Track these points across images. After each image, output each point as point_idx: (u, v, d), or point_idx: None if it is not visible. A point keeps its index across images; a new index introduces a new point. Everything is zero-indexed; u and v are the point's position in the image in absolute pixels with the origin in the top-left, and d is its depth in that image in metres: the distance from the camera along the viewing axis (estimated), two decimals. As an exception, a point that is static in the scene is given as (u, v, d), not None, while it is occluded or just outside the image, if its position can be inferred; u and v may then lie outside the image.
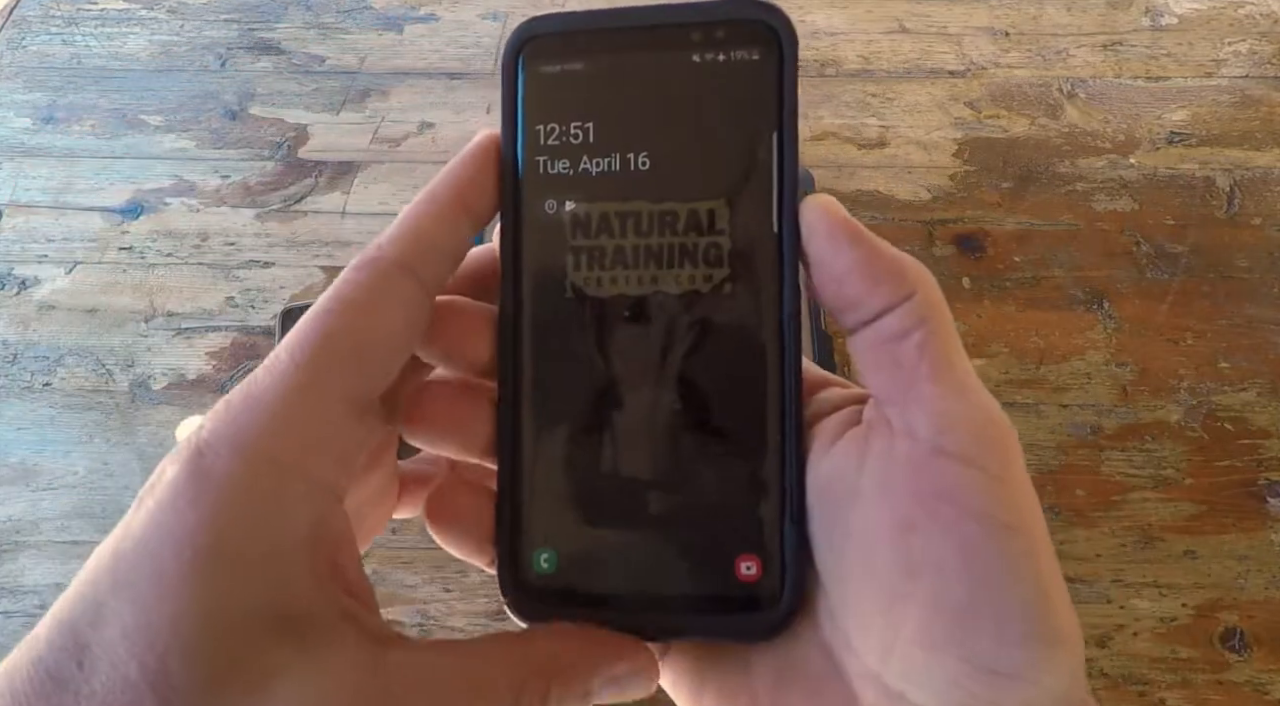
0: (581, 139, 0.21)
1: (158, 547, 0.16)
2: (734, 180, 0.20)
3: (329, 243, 0.66)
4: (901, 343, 0.19)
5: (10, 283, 0.65)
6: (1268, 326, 0.61)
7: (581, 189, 0.21)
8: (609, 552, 0.20)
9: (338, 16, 0.81)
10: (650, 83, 0.21)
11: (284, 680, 0.16)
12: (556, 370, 0.21)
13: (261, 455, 0.17)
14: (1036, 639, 0.17)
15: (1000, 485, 0.18)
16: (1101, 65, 0.76)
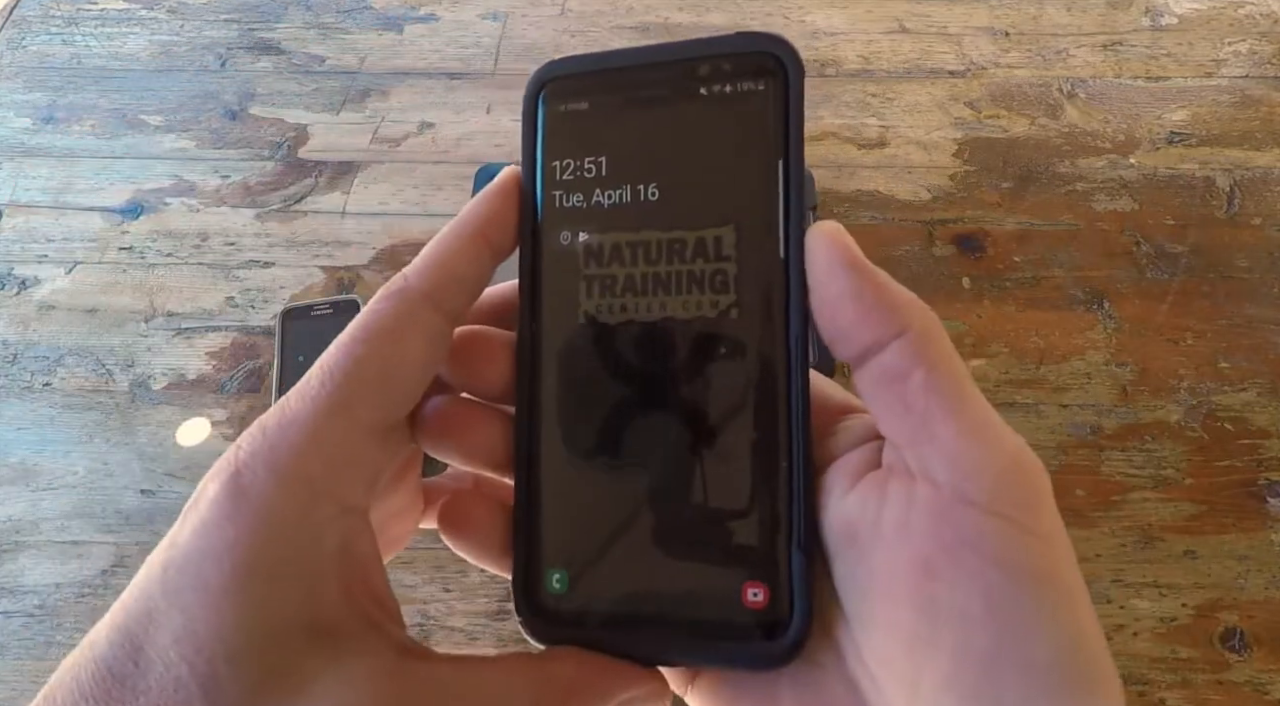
0: (595, 173, 0.22)
1: (200, 560, 0.17)
2: (741, 207, 0.21)
3: (329, 243, 0.66)
4: (905, 383, 0.19)
5: (10, 283, 0.65)
6: (1268, 326, 0.61)
7: (594, 221, 0.22)
8: (620, 576, 0.20)
9: (338, 16, 0.81)
10: (660, 117, 0.22)
11: (318, 686, 0.17)
12: (570, 395, 0.21)
13: (295, 476, 0.18)
14: (1067, 689, 0.17)
15: (1027, 534, 0.18)
16: (1101, 65, 0.76)
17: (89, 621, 0.51)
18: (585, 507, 0.21)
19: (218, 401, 0.59)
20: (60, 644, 0.51)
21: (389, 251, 0.66)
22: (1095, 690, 0.17)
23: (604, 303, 0.21)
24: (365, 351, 0.19)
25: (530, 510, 0.21)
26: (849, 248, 0.20)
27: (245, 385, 0.60)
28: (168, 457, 0.57)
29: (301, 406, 0.19)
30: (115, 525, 0.54)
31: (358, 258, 0.66)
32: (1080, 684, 0.17)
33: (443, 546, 0.22)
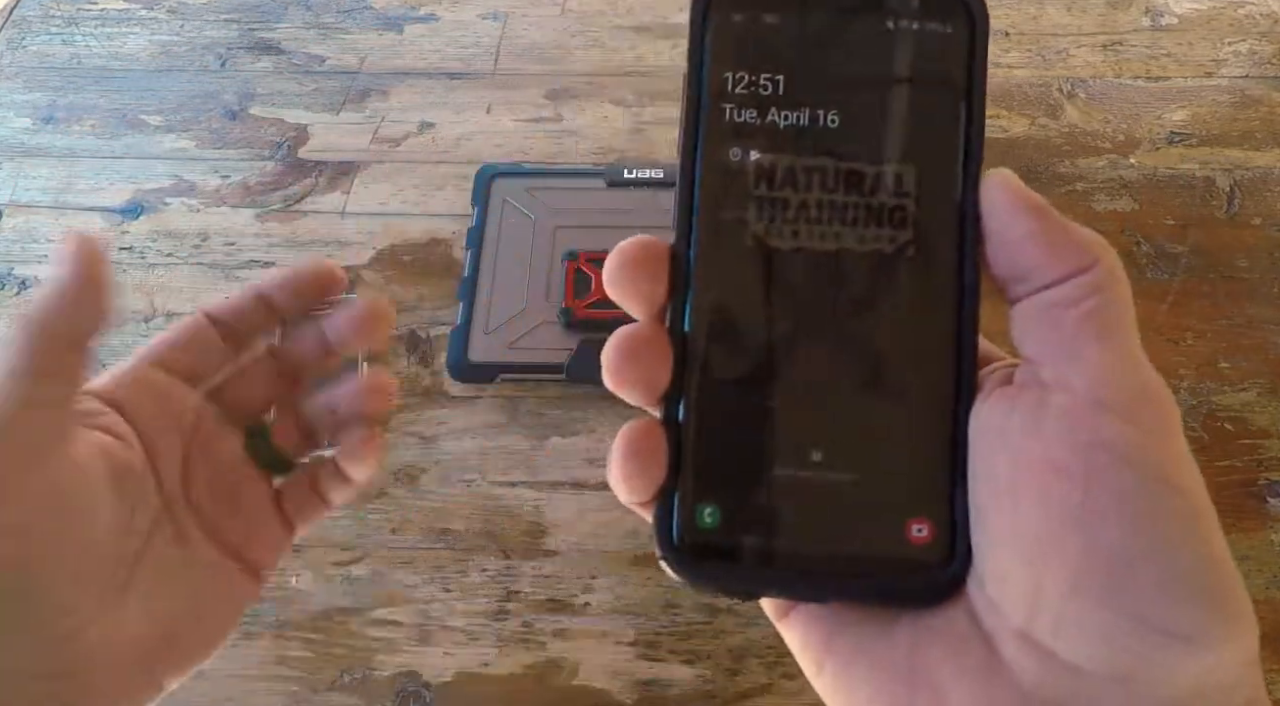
0: (771, 91, 0.21)
1: None
2: (922, 145, 0.21)
3: (329, 243, 0.66)
4: (1070, 309, 0.19)
5: (10, 282, 0.65)
6: (1268, 326, 0.61)
7: (768, 140, 0.21)
8: (775, 511, 0.20)
9: (338, 16, 0.81)
10: (844, 43, 0.21)
11: None
12: (730, 322, 0.21)
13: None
14: (1211, 600, 0.16)
15: (1162, 444, 0.18)
16: (1101, 65, 0.76)
17: (89, 621, 0.51)
18: (741, 440, 0.20)
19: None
20: (60, 644, 0.51)
21: (389, 251, 0.66)
22: (1230, 613, 0.17)
23: (774, 227, 0.21)
24: None
25: (680, 440, 0.20)
26: (1029, 193, 0.20)
27: (245, 385, 0.60)
28: (168, 457, 0.57)
29: None
30: (115, 525, 0.54)
31: (358, 258, 0.66)
32: (1218, 602, 0.16)
33: (443, 546, 0.22)
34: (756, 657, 0.50)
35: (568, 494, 0.55)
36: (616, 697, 0.49)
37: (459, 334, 0.60)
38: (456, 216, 0.67)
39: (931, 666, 0.18)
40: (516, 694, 0.49)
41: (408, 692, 0.49)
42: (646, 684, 0.49)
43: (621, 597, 0.52)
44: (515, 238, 0.65)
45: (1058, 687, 0.17)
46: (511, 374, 0.59)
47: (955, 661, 0.18)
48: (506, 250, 0.64)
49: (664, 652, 0.50)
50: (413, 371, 0.60)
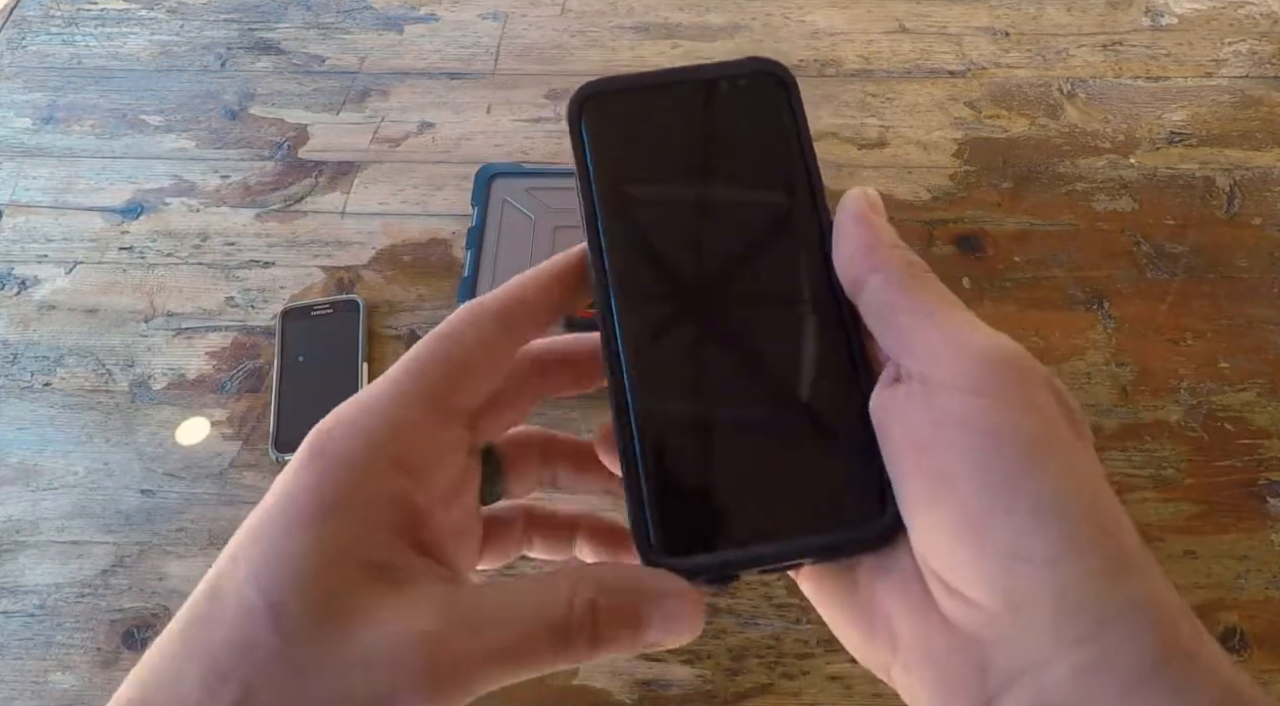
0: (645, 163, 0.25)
1: (283, 504, 0.21)
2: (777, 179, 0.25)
3: (329, 243, 0.66)
4: (888, 309, 0.22)
5: (10, 283, 0.65)
6: (1268, 326, 0.61)
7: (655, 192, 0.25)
8: (732, 506, 0.23)
9: (338, 16, 0.81)
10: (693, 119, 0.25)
11: (376, 613, 0.20)
12: (656, 362, 0.24)
13: (360, 436, 0.22)
14: (1053, 524, 0.19)
15: (1005, 406, 0.20)
16: (1101, 65, 0.76)
17: (89, 621, 0.51)
18: (688, 453, 0.23)
19: (218, 401, 0.59)
20: (60, 644, 0.51)
21: (389, 251, 0.66)
22: (1085, 524, 0.19)
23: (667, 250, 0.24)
24: (430, 347, 0.23)
25: (638, 461, 0.23)
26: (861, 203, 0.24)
27: (245, 385, 0.60)
28: (168, 457, 0.57)
29: (374, 388, 0.23)
30: (115, 525, 0.54)
31: (358, 258, 0.66)
32: (1066, 520, 0.19)
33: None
34: (756, 657, 0.50)
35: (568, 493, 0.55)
36: (616, 697, 0.49)
37: (459, 334, 0.60)
38: (456, 216, 0.67)
39: (885, 604, 0.21)
40: (516, 693, 0.49)
41: (408, 692, 0.49)
42: (646, 684, 0.49)
43: (621, 597, 0.52)
44: (515, 238, 0.65)
45: (972, 621, 0.19)
46: (511, 374, 0.59)
47: (902, 599, 0.21)
48: (506, 250, 0.64)
49: (664, 652, 0.50)
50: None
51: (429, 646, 0.19)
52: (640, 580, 0.22)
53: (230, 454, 0.57)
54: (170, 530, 0.54)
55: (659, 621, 0.21)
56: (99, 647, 0.50)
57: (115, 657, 0.50)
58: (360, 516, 0.21)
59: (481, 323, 0.24)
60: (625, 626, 0.21)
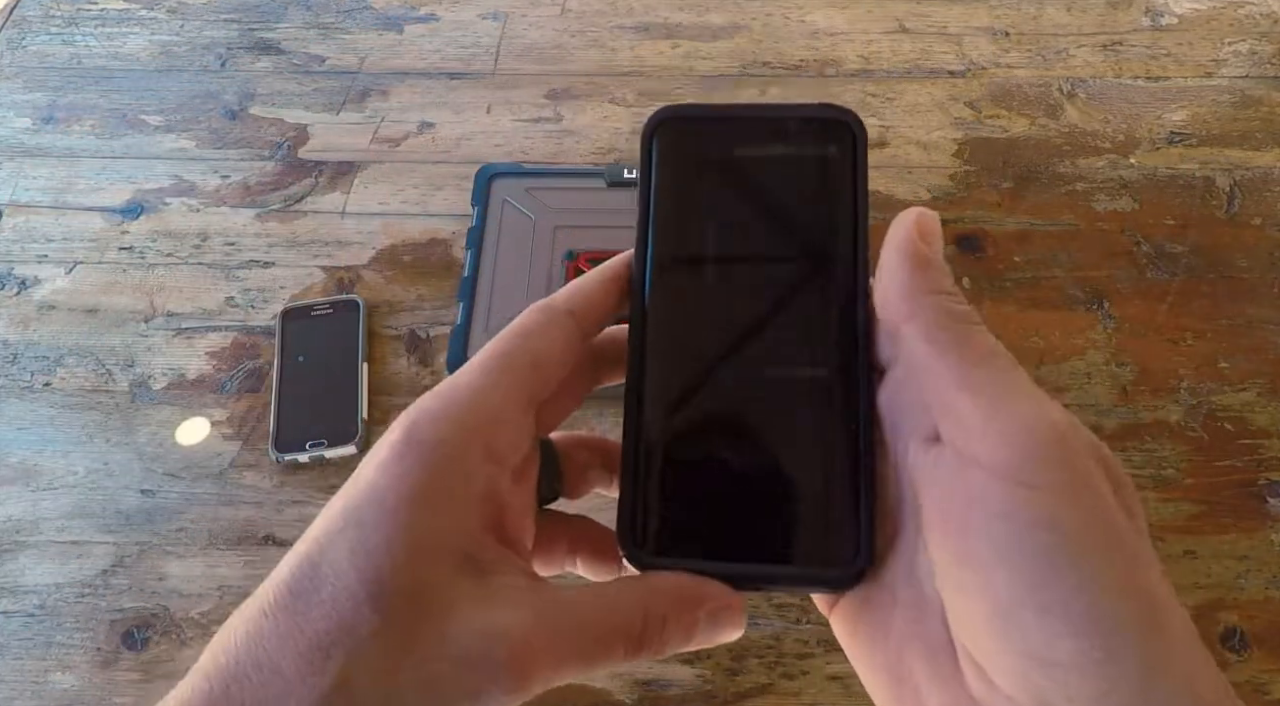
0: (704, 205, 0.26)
1: (378, 490, 0.21)
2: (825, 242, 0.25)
3: (329, 242, 0.66)
4: (921, 363, 0.22)
5: (10, 283, 0.65)
6: (1268, 326, 0.61)
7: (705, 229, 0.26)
8: (710, 516, 0.24)
9: (338, 16, 0.81)
10: (756, 157, 0.26)
11: (467, 601, 0.20)
12: (671, 377, 0.25)
13: (455, 425, 0.22)
14: (1088, 629, 0.18)
15: (1041, 497, 0.19)
16: (1101, 65, 0.76)
17: (89, 621, 0.51)
18: (683, 460, 0.24)
19: (218, 401, 0.59)
20: (60, 644, 0.51)
21: (389, 251, 0.66)
22: (1123, 626, 0.18)
23: (704, 277, 0.25)
24: (517, 343, 0.24)
25: (634, 474, 0.24)
26: (908, 232, 0.23)
27: (245, 385, 0.60)
28: (168, 457, 0.57)
29: (462, 377, 0.23)
30: (115, 525, 0.54)
31: (358, 257, 0.66)
32: (1100, 623, 0.18)
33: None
34: (756, 657, 0.50)
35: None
36: (616, 697, 0.49)
37: (459, 334, 0.60)
38: (456, 216, 0.67)
39: (915, 666, 0.21)
40: (516, 694, 0.49)
41: (408, 692, 0.49)
42: (646, 684, 0.49)
43: (621, 597, 0.52)
44: (515, 238, 0.65)
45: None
46: (511, 374, 0.59)
47: (931, 665, 0.20)
48: (506, 250, 0.64)
49: (664, 652, 0.50)
50: (413, 371, 0.60)
51: (514, 646, 0.20)
52: (695, 592, 0.23)
53: (230, 454, 0.57)
54: (170, 530, 0.54)
55: (709, 628, 0.23)
56: (99, 647, 0.50)
57: (115, 657, 0.50)
58: (453, 507, 0.21)
59: (559, 319, 0.25)
60: (680, 632, 0.22)
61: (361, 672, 0.19)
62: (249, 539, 0.54)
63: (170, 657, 0.50)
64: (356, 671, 0.19)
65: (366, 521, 0.21)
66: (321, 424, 0.57)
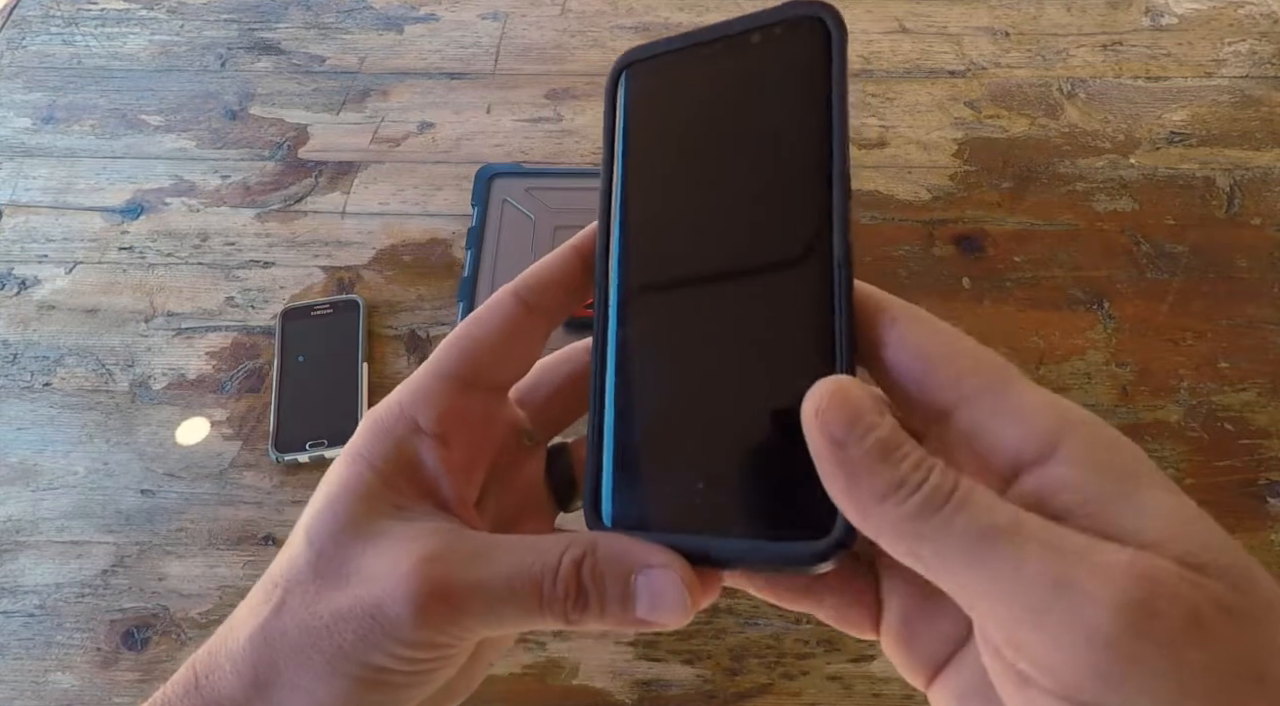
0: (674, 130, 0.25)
1: (339, 458, 0.25)
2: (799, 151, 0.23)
3: (329, 243, 0.66)
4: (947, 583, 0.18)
5: (10, 283, 0.65)
6: (1268, 326, 0.61)
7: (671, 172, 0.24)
8: (681, 488, 0.22)
9: (338, 16, 0.81)
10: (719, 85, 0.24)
11: (389, 533, 0.23)
12: (636, 342, 0.24)
13: (393, 403, 0.25)
14: None
15: None
16: (1101, 65, 0.76)
17: (89, 621, 0.51)
18: (649, 428, 0.23)
19: (218, 401, 0.59)
20: (60, 644, 0.51)
21: (389, 251, 0.66)
22: None
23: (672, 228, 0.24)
24: (458, 328, 0.26)
25: (599, 425, 0.24)
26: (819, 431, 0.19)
27: (245, 385, 0.60)
28: (168, 457, 0.57)
29: (417, 368, 0.26)
30: (115, 525, 0.54)
31: (358, 258, 0.66)
32: None
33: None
34: (756, 657, 0.50)
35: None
36: (616, 697, 0.49)
37: (459, 334, 0.60)
38: (456, 216, 0.67)
39: None
40: (516, 694, 0.49)
41: (408, 692, 0.49)
42: (646, 684, 0.49)
43: (621, 597, 0.52)
44: (515, 238, 0.65)
45: None
46: (511, 374, 0.59)
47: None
48: (506, 250, 0.64)
49: (664, 652, 0.50)
50: (413, 371, 0.60)
51: (421, 565, 0.22)
52: (631, 549, 0.22)
53: (230, 454, 0.57)
54: (170, 530, 0.54)
55: (646, 595, 0.21)
56: (99, 647, 0.50)
57: (115, 657, 0.50)
58: (382, 465, 0.24)
59: (502, 301, 0.26)
60: (614, 595, 0.21)
61: (294, 596, 0.22)
62: (249, 539, 0.54)
63: (170, 657, 0.50)
64: (291, 596, 0.22)
65: (321, 483, 0.24)
66: (321, 424, 0.57)
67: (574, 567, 0.21)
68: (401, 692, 0.22)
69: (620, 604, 0.21)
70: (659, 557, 0.21)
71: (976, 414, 0.19)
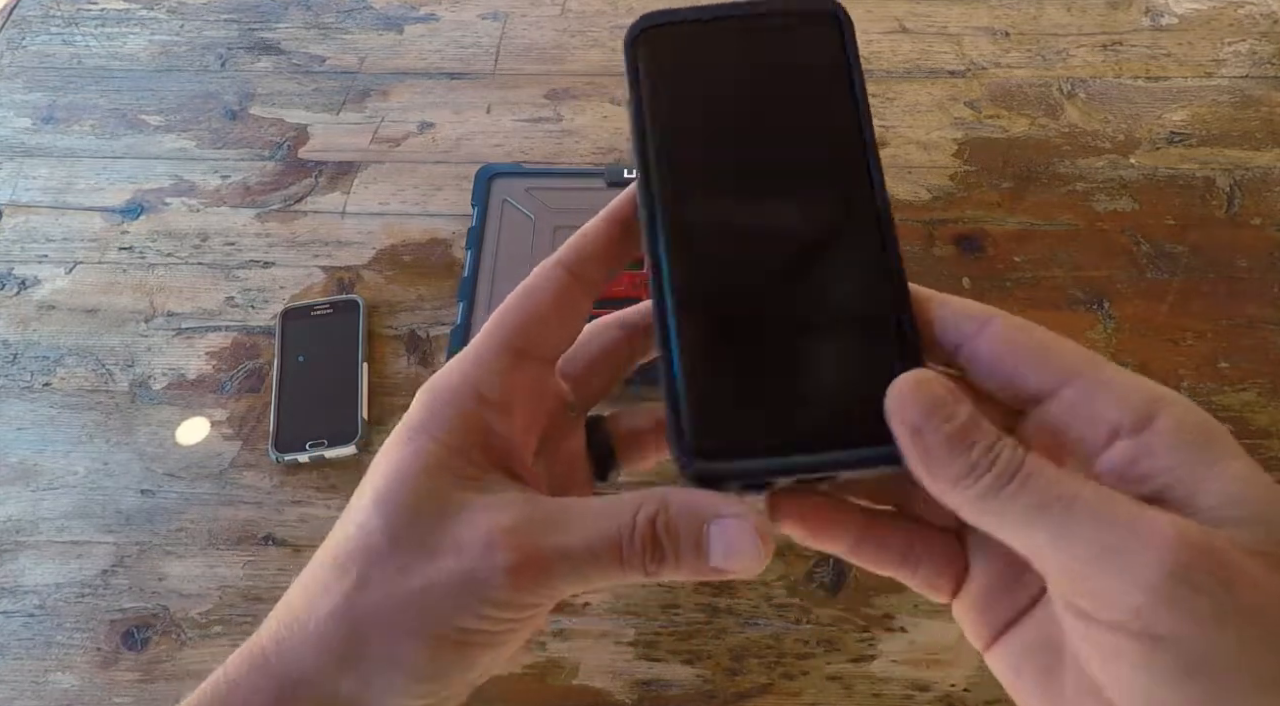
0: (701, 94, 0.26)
1: (395, 434, 0.25)
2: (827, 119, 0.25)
3: (329, 242, 0.66)
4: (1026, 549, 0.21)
5: (10, 283, 0.65)
6: (1268, 326, 0.61)
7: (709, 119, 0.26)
8: (763, 407, 0.23)
9: (338, 16, 0.81)
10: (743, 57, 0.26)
11: (465, 509, 0.23)
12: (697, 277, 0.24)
13: (451, 374, 0.25)
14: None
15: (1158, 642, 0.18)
16: (1101, 65, 0.76)
17: (89, 621, 0.51)
18: (731, 356, 0.23)
19: (218, 401, 0.59)
20: (60, 644, 0.51)
21: (389, 251, 0.66)
22: None
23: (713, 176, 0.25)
24: (509, 300, 0.26)
25: (677, 369, 0.23)
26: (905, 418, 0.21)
27: (245, 385, 0.60)
28: (168, 457, 0.57)
29: (473, 341, 0.26)
30: (115, 525, 0.54)
31: (358, 257, 0.66)
32: None
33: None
34: (756, 657, 0.50)
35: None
36: (616, 697, 0.49)
37: (459, 334, 0.60)
38: (456, 216, 0.67)
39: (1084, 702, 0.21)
40: (516, 694, 0.49)
41: (408, 692, 0.49)
42: (646, 684, 0.49)
43: (621, 597, 0.52)
44: (515, 238, 0.65)
45: None
46: (511, 374, 0.59)
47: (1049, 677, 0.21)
48: (506, 250, 0.64)
49: (664, 652, 0.50)
50: (413, 371, 0.60)
51: (508, 536, 0.22)
52: (702, 501, 0.23)
53: (230, 454, 0.57)
54: (170, 530, 0.54)
55: (721, 544, 0.22)
56: (99, 647, 0.50)
57: (115, 657, 0.50)
58: (448, 437, 0.24)
59: (551, 273, 0.26)
60: (688, 546, 0.22)
61: (375, 571, 0.23)
62: (249, 539, 0.54)
63: (170, 657, 0.50)
64: (372, 572, 0.23)
65: (383, 457, 0.24)
66: (321, 424, 0.57)
67: (649, 524, 0.23)
68: (484, 653, 0.23)
69: (695, 554, 0.22)
70: (731, 508, 0.22)
71: (1077, 393, 0.21)
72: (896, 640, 0.50)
